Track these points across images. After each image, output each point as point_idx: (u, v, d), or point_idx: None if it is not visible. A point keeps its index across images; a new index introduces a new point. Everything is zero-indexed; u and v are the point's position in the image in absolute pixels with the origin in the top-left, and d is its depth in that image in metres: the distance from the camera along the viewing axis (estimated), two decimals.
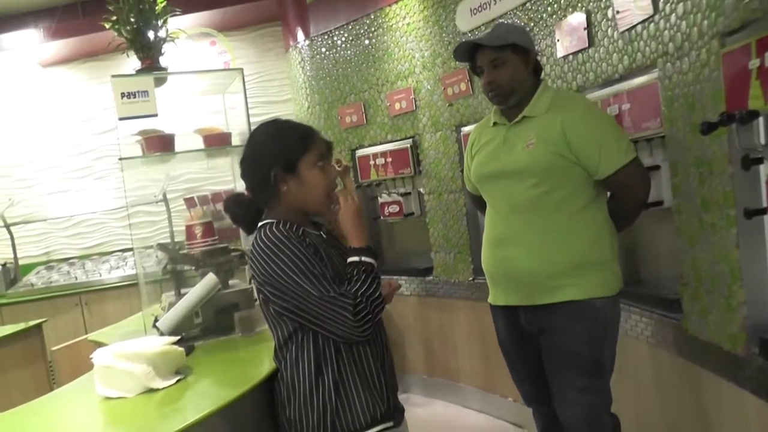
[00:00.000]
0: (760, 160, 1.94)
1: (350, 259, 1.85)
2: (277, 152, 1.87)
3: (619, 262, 2.43)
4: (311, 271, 1.76)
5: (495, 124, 2.54)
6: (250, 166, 1.93)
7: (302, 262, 1.77)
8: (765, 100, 1.82)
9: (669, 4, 2.36)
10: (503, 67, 2.40)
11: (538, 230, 2.35)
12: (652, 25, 2.49)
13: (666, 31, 2.40)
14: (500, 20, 3.66)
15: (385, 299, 1.98)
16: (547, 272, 2.33)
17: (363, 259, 1.83)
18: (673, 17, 2.35)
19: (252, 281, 1.90)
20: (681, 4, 2.29)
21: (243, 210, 1.99)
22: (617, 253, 2.41)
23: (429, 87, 4.41)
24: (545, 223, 2.34)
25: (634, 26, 2.60)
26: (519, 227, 2.39)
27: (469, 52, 2.49)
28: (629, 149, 2.31)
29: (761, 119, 1.82)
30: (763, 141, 1.86)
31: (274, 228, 1.83)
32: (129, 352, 2.13)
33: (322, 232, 1.99)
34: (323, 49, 5.27)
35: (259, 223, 1.91)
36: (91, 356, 2.18)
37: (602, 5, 2.85)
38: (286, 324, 1.85)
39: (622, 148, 2.30)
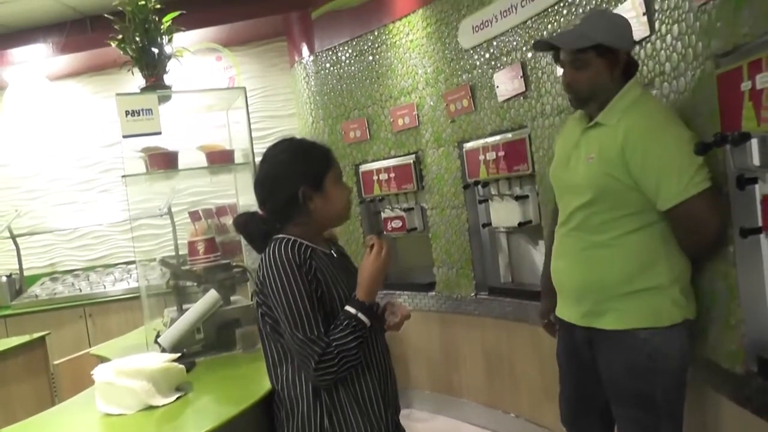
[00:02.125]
0: (755, 180, 1.95)
1: (347, 308, 1.84)
2: (304, 171, 1.91)
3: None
4: (296, 305, 1.78)
5: (579, 121, 2.33)
6: (273, 186, 1.94)
7: (293, 293, 1.78)
8: (758, 121, 1.83)
9: (665, 25, 2.39)
10: (584, 69, 2.17)
11: (584, 249, 2.22)
12: (649, 45, 2.51)
13: (662, 52, 2.42)
14: (595, 9, 2.99)
15: (394, 328, 2.01)
16: (590, 294, 2.22)
17: (359, 315, 1.82)
18: (669, 38, 2.37)
19: (255, 294, 1.92)
20: (676, 25, 2.31)
21: (258, 230, 2.00)
22: (685, 279, 2.18)
23: (432, 103, 4.44)
24: (591, 242, 2.20)
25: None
26: (569, 242, 2.29)
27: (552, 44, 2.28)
28: (694, 180, 2.01)
29: (754, 141, 1.84)
30: (756, 162, 1.87)
31: (285, 247, 1.85)
32: (129, 369, 2.15)
33: (333, 252, 2.02)
34: (327, 65, 5.31)
35: (275, 236, 1.93)
36: (92, 372, 2.20)
37: None
38: (281, 342, 1.87)
39: (685, 178, 2.01)
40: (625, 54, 2.21)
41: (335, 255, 2.01)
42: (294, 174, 1.91)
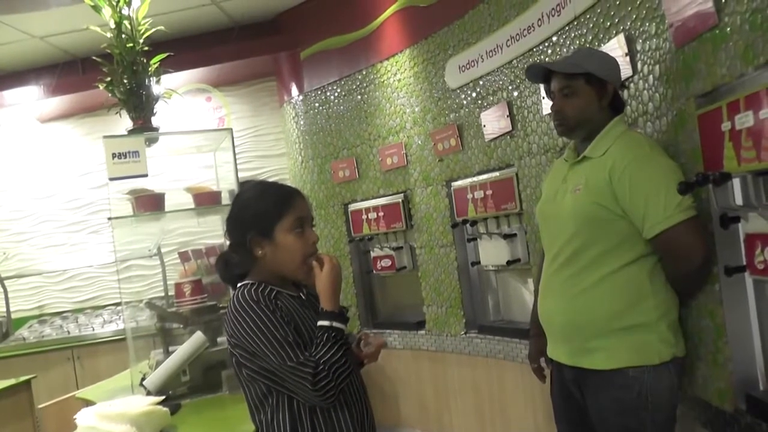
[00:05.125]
0: (737, 219, 1.96)
1: (320, 323, 1.81)
2: (253, 216, 1.86)
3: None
4: (274, 336, 1.75)
5: (566, 160, 2.36)
6: (231, 227, 1.93)
7: (266, 327, 1.75)
8: (738, 161, 1.85)
9: (647, 66, 2.43)
10: (573, 97, 2.23)
11: (571, 286, 2.20)
12: (632, 85, 2.55)
13: (645, 91, 2.45)
14: (581, 47, 3.03)
15: (371, 358, 1.99)
16: (578, 332, 2.20)
17: (333, 324, 1.79)
18: (651, 78, 2.40)
19: (227, 341, 1.89)
20: (658, 65, 2.35)
21: (230, 270, 1.97)
22: (672, 316, 2.17)
23: (419, 142, 4.47)
24: (579, 280, 2.18)
25: None
26: (555, 279, 2.28)
27: (545, 74, 2.34)
28: (680, 208, 2.03)
29: (735, 181, 1.85)
30: (739, 201, 1.89)
31: (246, 291, 1.82)
32: (112, 413, 2.13)
33: (302, 294, 1.98)
34: (317, 104, 5.36)
35: (240, 283, 1.91)
36: (74, 417, 2.18)
37: None
38: (260, 386, 1.84)
39: (671, 206, 2.02)
40: (612, 88, 2.26)
41: (304, 296, 1.97)
42: (245, 218, 1.88)
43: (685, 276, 2.14)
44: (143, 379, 2.75)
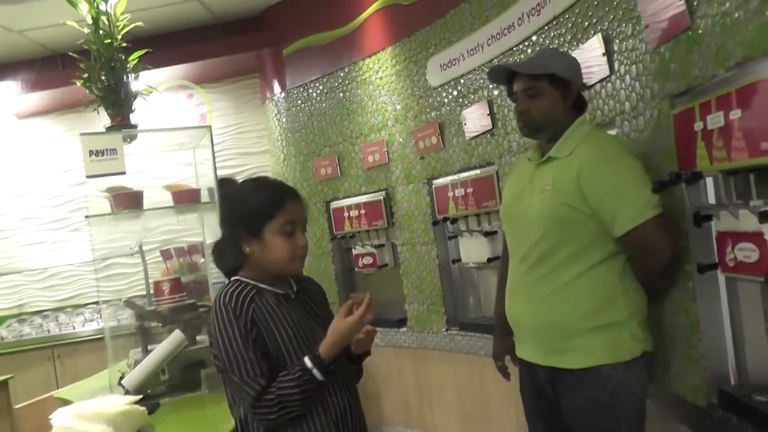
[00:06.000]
0: (710, 217, 1.99)
1: (305, 359, 1.77)
2: (244, 214, 1.86)
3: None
4: (232, 349, 1.76)
5: (530, 159, 2.36)
6: (224, 220, 1.94)
7: (229, 335, 1.77)
8: (710, 161, 1.87)
9: (623, 66, 2.45)
10: (538, 98, 2.23)
11: (541, 287, 2.20)
12: (609, 84, 2.57)
13: (622, 91, 2.48)
14: (544, 47, 3.15)
15: (363, 344, 1.97)
16: (550, 333, 2.20)
17: (314, 371, 1.76)
18: (627, 78, 2.42)
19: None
20: (634, 66, 2.37)
21: (224, 261, 1.98)
22: (642, 313, 2.19)
23: (401, 140, 4.48)
24: (549, 280, 2.18)
25: (593, 85, 2.67)
26: (524, 280, 2.27)
27: (508, 76, 2.33)
28: (649, 205, 2.05)
29: (708, 180, 1.88)
30: (711, 200, 1.91)
31: (227, 293, 1.83)
32: (89, 413, 2.12)
33: (291, 291, 1.96)
34: (299, 102, 5.35)
35: (229, 281, 1.91)
36: (50, 416, 2.16)
37: None
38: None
39: (640, 203, 2.05)
40: (576, 88, 2.28)
41: (293, 294, 1.96)
42: (237, 215, 1.88)
43: (655, 272, 2.17)
44: (122, 378, 2.74)
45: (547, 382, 2.30)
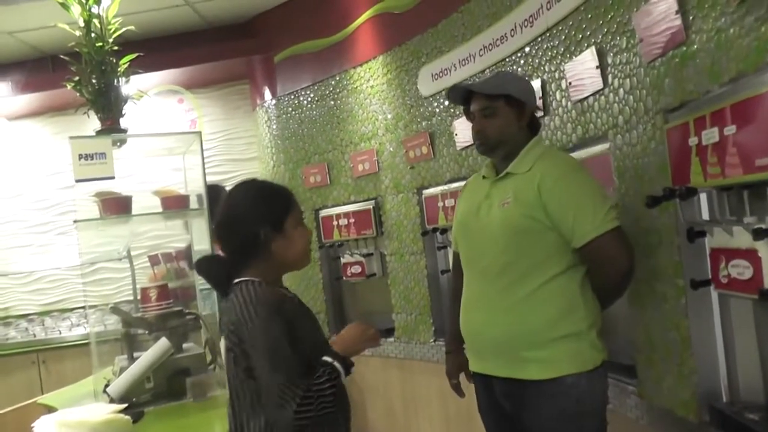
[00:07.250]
0: (704, 233, 1.99)
1: (326, 358, 1.84)
2: (266, 212, 1.92)
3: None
4: (277, 349, 1.77)
5: (484, 177, 2.42)
6: (235, 227, 1.94)
7: (273, 336, 1.77)
8: (704, 176, 1.87)
9: (617, 79, 2.45)
10: (493, 117, 2.29)
11: (503, 298, 2.22)
12: (602, 97, 2.57)
13: (615, 105, 2.48)
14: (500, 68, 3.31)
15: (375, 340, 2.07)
16: (513, 344, 2.21)
17: (334, 363, 1.83)
18: (621, 92, 2.43)
19: (226, 338, 1.87)
20: (627, 79, 2.37)
21: (220, 273, 1.99)
22: (599, 323, 2.24)
23: (391, 149, 4.47)
24: (511, 291, 2.20)
25: (586, 98, 2.67)
26: (485, 292, 2.29)
27: (464, 96, 2.40)
28: (608, 218, 2.13)
29: (702, 195, 1.88)
30: (705, 216, 1.91)
31: (259, 289, 1.84)
32: (72, 421, 2.09)
33: (295, 295, 2.02)
34: (289, 109, 5.33)
35: (237, 280, 1.91)
36: (32, 424, 2.13)
37: (556, 75, 2.93)
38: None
39: (599, 215, 2.12)
40: (530, 110, 2.36)
41: (297, 299, 2.01)
42: (255, 215, 1.92)
43: (612, 283, 2.22)
44: (107, 385, 2.70)
45: (505, 397, 2.30)
